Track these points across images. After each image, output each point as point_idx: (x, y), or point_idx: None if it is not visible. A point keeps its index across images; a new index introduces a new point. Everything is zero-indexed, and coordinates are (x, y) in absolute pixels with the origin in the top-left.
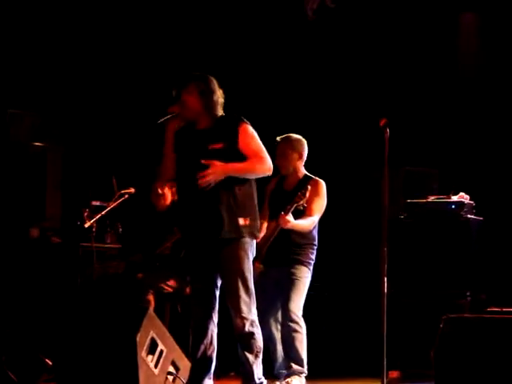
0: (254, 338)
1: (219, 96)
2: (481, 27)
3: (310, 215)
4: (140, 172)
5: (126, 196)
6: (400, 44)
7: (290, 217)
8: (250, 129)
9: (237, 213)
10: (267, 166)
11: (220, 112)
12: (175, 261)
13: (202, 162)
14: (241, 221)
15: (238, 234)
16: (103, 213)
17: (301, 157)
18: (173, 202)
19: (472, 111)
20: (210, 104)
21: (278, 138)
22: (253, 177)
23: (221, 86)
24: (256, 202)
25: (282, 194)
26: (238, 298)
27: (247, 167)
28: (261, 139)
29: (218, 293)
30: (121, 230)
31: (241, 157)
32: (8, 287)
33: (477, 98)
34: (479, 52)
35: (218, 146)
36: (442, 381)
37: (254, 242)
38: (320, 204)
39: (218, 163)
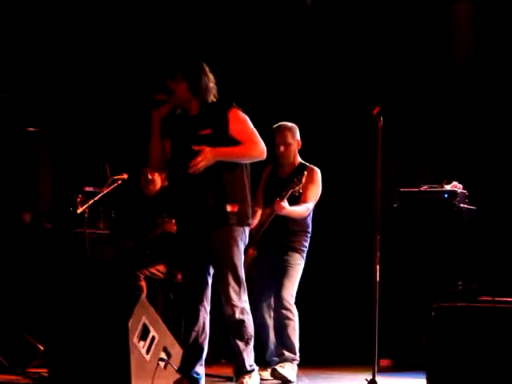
0: (245, 326)
1: (208, 81)
2: (475, 17)
3: (305, 202)
4: (132, 158)
5: (119, 182)
6: (394, 33)
7: (285, 203)
8: (241, 113)
9: (225, 199)
10: (260, 149)
11: (211, 97)
12: (166, 247)
13: (193, 147)
14: (228, 207)
15: (225, 221)
16: (96, 198)
17: (299, 144)
18: (162, 187)
19: (465, 100)
20: (198, 90)
21: (274, 127)
22: (246, 161)
23: (214, 74)
24: (248, 188)
25: (277, 181)
26: (227, 285)
27: (239, 151)
28: (255, 127)
29: (210, 280)
30: (113, 215)
31: (231, 142)
32: (0, 273)
33: (470, 87)
34: (473, 41)
35: (207, 131)
36: (432, 370)
37: (246, 229)
38: (315, 191)
39: (207, 148)
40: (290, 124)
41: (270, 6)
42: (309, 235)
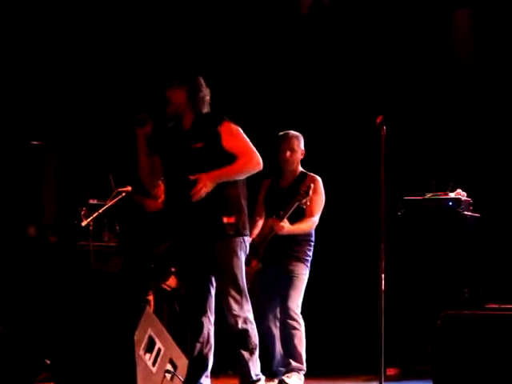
0: (249, 335)
1: (205, 94)
2: (475, 23)
3: (311, 216)
4: (136, 170)
5: (123, 194)
6: (395, 41)
7: (284, 223)
8: (233, 126)
9: (221, 211)
10: (255, 161)
11: (205, 110)
12: (172, 260)
13: (190, 178)
14: (225, 219)
15: (222, 233)
16: (100, 211)
17: (303, 153)
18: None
19: (468, 108)
20: (196, 100)
21: (281, 134)
22: (244, 177)
23: (216, 84)
24: (243, 198)
25: (278, 191)
26: (227, 296)
27: (236, 169)
28: (257, 136)
29: (213, 291)
30: (118, 228)
31: (224, 155)
32: (5, 286)
33: (473, 94)
34: (474, 49)
35: (199, 145)
36: (439, 377)
37: (246, 238)
38: (319, 203)
39: (204, 175)
40: (296, 132)
41: (273, 14)
42: (312, 244)
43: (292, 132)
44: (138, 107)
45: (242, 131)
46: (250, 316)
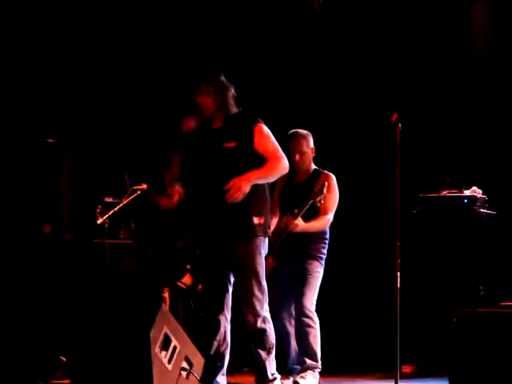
0: (266, 335)
1: (232, 91)
2: (492, 19)
3: (326, 213)
4: (152, 168)
5: (139, 192)
6: (410, 37)
7: (299, 220)
8: (265, 128)
9: (251, 212)
10: (284, 165)
11: (234, 108)
12: (188, 258)
13: (224, 188)
14: (255, 220)
15: (252, 233)
16: (116, 209)
17: (313, 151)
18: (180, 200)
19: (484, 105)
20: (225, 101)
21: (290, 133)
22: (273, 179)
23: (231, 81)
24: (269, 198)
25: (293, 188)
26: (250, 294)
27: (268, 171)
28: (273, 133)
29: (231, 289)
30: (133, 226)
31: (255, 156)
32: (22, 283)
33: (489, 91)
34: (491, 46)
35: (232, 144)
36: (455, 375)
37: (267, 238)
38: (333, 200)
39: (236, 181)
40: (304, 132)
41: (286, 12)
42: (327, 242)
43: (300, 132)
44: (155, 108)
45: (272, 135)
46: (268, 315)
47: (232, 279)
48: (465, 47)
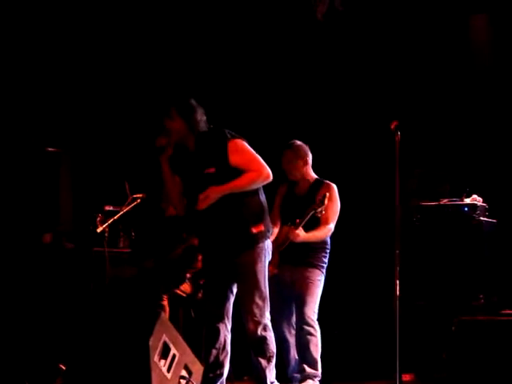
0: (267, 343)
1: (201, 114)
2: (492, 29)
3: (327, 223)
4: (151, 177)
5: (139, 200)
6: (410, 47)
7: (300, 231)
8: (238, 142)
9: (249, 222)
10: (264, 175)
11: (203, 128)
12: (186, 265)
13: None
14: (254, 230)
15: (252, 244)
16: (116, 217)
17: (306, 163)
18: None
19: (484, 113)
20: (194, 124)
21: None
22: (252, 188)
23: (231, 92)
24: (264, 203)
25: (294, 199)
26: (251, 301)
27: (242, 183)
28: (272, 143)
29: (232, 299)
30: (133, 234)
31: (234, 173)
32: (22, 292)
33: (489, 99)
34: (491, 55)
35: (211, 170)
36: (454, 383)
37: (269, 242)
38: (335, 210)
39: (209, 190)
40: (297, 143)
41: (285, 20)
42: (328, 251)
43: (290, 144)
44: (151, 121)
45: (247, 145)
46: (269, 324)
47: (234, 289)
48: (464, 55)
